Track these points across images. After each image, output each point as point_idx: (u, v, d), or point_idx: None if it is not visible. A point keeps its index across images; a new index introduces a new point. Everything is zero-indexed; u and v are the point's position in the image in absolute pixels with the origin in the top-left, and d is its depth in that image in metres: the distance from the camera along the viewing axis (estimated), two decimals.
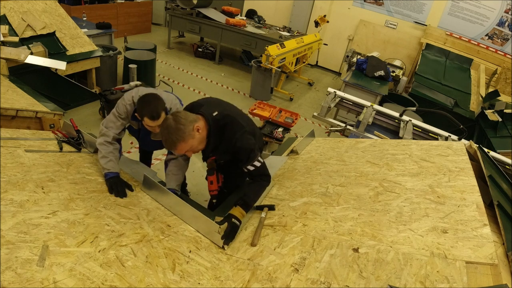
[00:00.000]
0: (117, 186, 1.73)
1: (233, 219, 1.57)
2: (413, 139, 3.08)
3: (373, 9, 7.57)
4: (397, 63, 6.57)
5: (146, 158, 3.02)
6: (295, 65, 6.64)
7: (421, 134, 3.24)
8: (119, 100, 1.99)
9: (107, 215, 1.46)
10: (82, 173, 1.79)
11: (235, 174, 2.02)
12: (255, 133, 1.89)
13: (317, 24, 7.25)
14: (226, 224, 1.55)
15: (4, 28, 3.63)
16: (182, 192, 2.94)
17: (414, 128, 3.25)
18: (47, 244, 1.14)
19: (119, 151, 1.97)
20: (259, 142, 2.03)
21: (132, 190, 1.79)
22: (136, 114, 1.88)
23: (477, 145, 1.99)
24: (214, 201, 2.07)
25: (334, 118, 4.54)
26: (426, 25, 7.10)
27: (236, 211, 1.62)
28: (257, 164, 1.72)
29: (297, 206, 1.68)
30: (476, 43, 6.76)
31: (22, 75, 3.31)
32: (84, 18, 5.99)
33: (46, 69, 3.63)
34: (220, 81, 6.49)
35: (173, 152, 1.75)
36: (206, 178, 2.03)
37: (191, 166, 3.77)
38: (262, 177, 1.78)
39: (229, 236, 1.53)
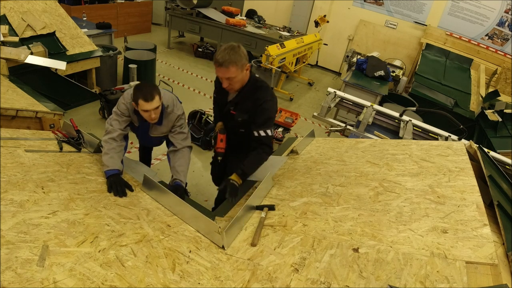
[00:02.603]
0: (116, 185, 1.73)
1: (231, 181, 1.80)
2: (413, 139, 3.08)
3: (373, 9, 7.57)
4: (397, 63, 6.57)
5: (146, 158, 3.02)
6: (295, 65, 6.64)
7: (421, 134, 3.24)
8: (120, 98, 2.02)
9: (107, 215, 1.46)
10: (82, 173, 1.79)
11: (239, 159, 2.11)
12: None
13: (317, 24, 7.24)
14: (226, 224, 1.55)
15: (4, 28, 3.64)
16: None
17: (414, 128, 3.25)
18: (47, 244, 1.14)
19: (124, 148, 2.00)
20: None
21: (132, 190, 1.79)
22: (133, 103, 1.91)
23: (477, 145, 1.99)
24: (219, 158, 2.13)
25: (334, 118, 4.54)
26: (426, 25, 7.10)
27: (234, 176, 1.84)
28: (269, 132, 1.88)
29: (297, 206, 1.68)
30: (476, 43, 6.76)
31: (22, 75, 3.31)
32: (84, 18, 5.99)
33: (46, 69, 3.63)
34: None
35: (219, 71, 1.79)
36: (215, 138, 2.14)
37: (191, 166, 3.77)
38: (265, 148, 1.90)
39: (232, 193, 1.76)
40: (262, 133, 1.86)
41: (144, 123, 2.08)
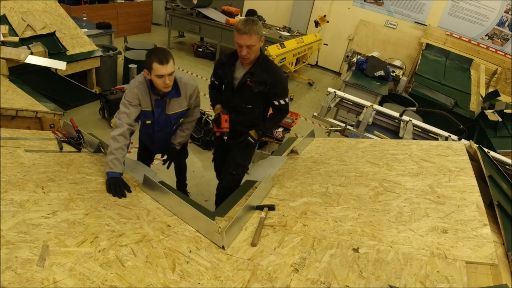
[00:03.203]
0: (115, 186, 1.71)
1: (249, 138, 2.24)
2: (413, 139, 3.08)
3: (373, 9, 7.57)
4: (397, 63, 6.57)
5: (145, 161, 2.89)
6: (295, 65, 6.63)
7: (421, 134, 3.24)
8: (126, 90, 2.02)
9: (107, 215, 1.46)
10: (82, 173, 1.79)
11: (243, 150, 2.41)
12: None
13: (317, 24, 7.24)
14: (226, 224, 1.55)
15: (4, 28, 3.64)
16: (182, 192, 2.92)
17: (414, 128, 3.25)
18: (47, 244, 1.14)
19: (127, 147, 1.96)
20: None
21: (130, 191, 1.78)
22: (145, 72, 1.92)
23: (477, 145, 1.99)
24: (225, 138, 2.31)
25: (334, 118, 4.54)
26: (426, 25, 7.10)
27: (252, 133, 2.25)
28: (287, 100, 2.21)
29: (297, 206, 1.68)
30: (476, 43, 6.76)
31: (22, 75, 3.31)
32: (84, 18, 5.99)
33: (46, 69, 3.63)
34: None
35: (241, 39, 1.96)
36: (217, 119, 2.30)
37: (191, 166, 3.78)
38: (284, 113, 2.27)
39: (245, 145, 2.27)
40: (282, 101, 2.19)
41: (159, 102, 2.04)
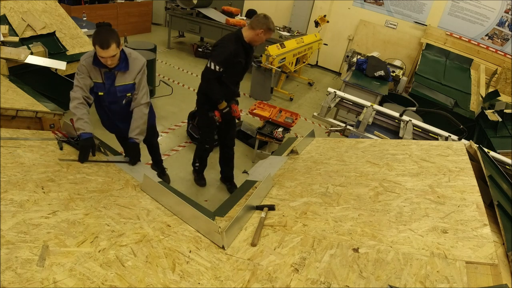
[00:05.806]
0: (84, 149, 1.94)
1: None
2: (413, 139, 3.08)
3: (373, 9, 7.57)
4: (397, 63, 6.57)
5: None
6: (295, 65, 6.63)
7: (421, 134, 3.24)
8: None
9: (107, 215, 1.46)
10: (82, 173, 1.79)
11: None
12: None
13: (317, 24, 7.24)
14: (226, 224, 1.55)
15: (4, 28, 3.63)
16: (159, 170, 3.09)
17: (414, 128, 3.25)
18: (47, 244, 1.14)
19: (88, 113, 2.11)
20: None
21: (94, 155, 2.02)
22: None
23: (477, 145, 1.99)
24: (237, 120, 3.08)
25: (334, 118, 4.54)
26: (426, 25, 7.10)
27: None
28: None
29: (297, 206, 1.68)
30: (476, 43, 6.76)
31: (22, 75, 3.30)
32: (84, 18, 5.99)
33: (46, 69, 3.62)
34: None
35: (271, 35, 2.80)
36: (230, 108, 2.95)
37: (191, 166, 3.78)
38: None
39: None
40: None
41: (108, 74, 2.13)
